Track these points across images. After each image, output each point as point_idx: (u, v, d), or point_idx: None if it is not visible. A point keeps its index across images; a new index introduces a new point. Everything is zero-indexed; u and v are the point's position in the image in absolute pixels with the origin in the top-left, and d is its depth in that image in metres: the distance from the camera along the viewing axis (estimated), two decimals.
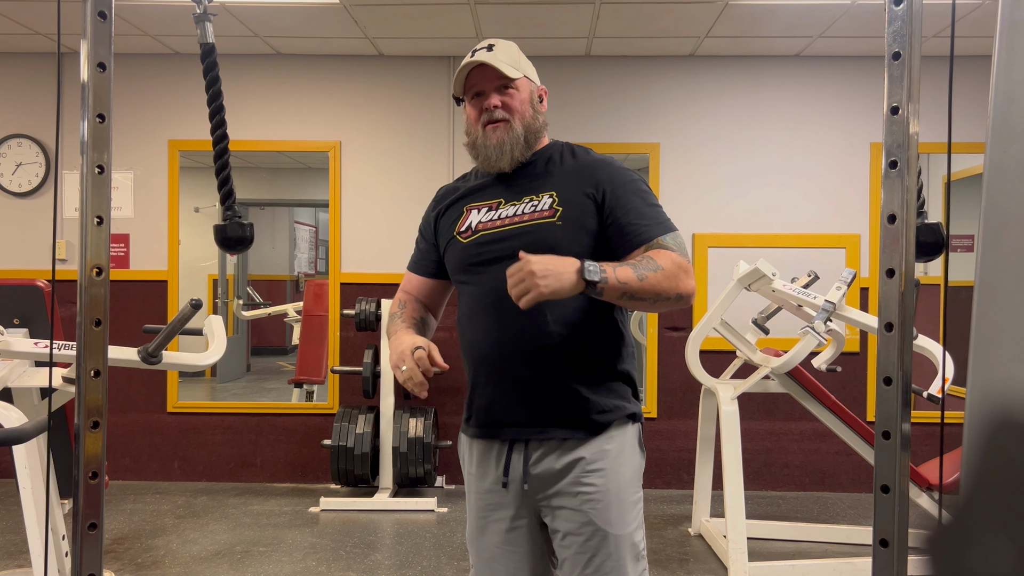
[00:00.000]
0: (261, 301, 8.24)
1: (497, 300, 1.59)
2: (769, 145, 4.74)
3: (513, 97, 1.67)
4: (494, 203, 1.68)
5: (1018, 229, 0.69)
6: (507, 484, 1.65)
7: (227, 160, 1.96)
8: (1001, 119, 0.72)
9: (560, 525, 1.62)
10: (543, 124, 1.72)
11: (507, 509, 1.67)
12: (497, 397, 1.66)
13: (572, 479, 1.61)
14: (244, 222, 1.95)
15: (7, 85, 4.84)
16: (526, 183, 1.68)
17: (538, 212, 1.63)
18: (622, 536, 1.60)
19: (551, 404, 1.62)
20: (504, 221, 1.65)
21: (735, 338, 3.68)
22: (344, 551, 3.66)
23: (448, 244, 1.73)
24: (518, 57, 1.70)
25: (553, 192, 1.64)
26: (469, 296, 1.69)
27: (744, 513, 3.33)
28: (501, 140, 1.66)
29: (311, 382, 5.62)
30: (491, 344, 1.64)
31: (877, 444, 1.38)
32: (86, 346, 1.34)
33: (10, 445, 2.36)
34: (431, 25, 4.25)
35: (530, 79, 1.72)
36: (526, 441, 1.64)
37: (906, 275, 1.36)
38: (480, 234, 1.67)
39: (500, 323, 1.62)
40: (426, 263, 1.81)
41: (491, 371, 1.66)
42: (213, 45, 1.89)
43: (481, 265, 1.65)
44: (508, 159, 1.66)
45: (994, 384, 0.69)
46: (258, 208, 8.95)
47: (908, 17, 1.34)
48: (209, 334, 2.83)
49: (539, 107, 1.72)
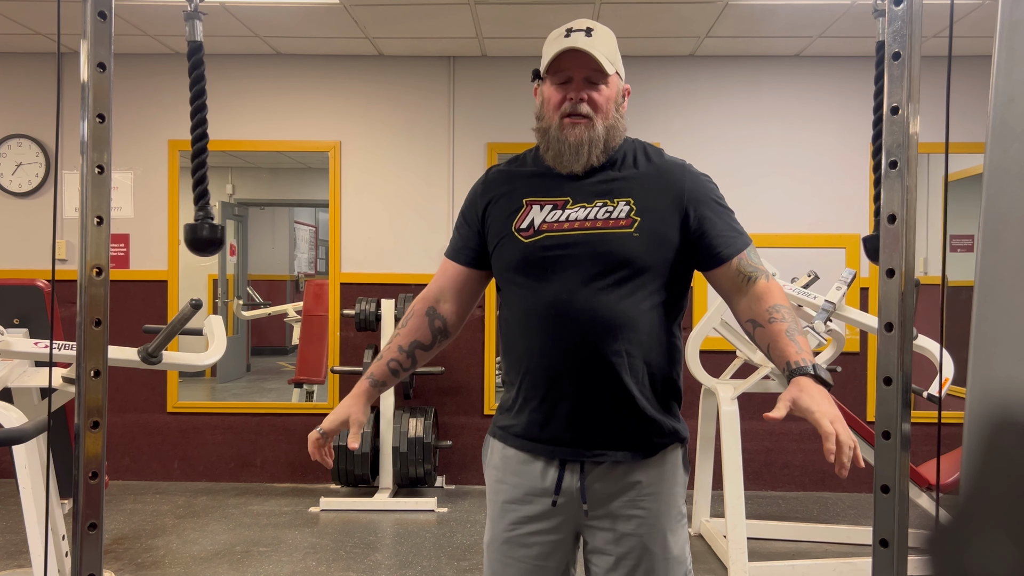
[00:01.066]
0: (261, 301, 8.24)
1: (562, 311, 1.50)
2: (769, 145, 4.74)
3: (602, 93, 1.53)
4: (560, 201, 1.54)
5: (1018, 229, 0.69)
6: (556, 503, 1.56)
7: (205, 160, 1.96)
8: (1001, 119, 0.72)
9: (609, 547, 1.55)
10: (624, 127, 1.59)
11: (546, 522, 1.58)
12: (554, 414, 1.53)
13: (627, 501, 1.55)
14: (216, 224, 1.93)
15: (7, 85, 4.84)
16: (598, 185, 1.54)
17: (613, 220, 1.51)
18: (672, 557, 1.56)
19: (614, 426, 1.53)
20: (573, 224, 1.51)
21: (735, 338, 3.68)
22: (344, 551, 3.66)
23: (503, 239, 1.57)
24: (615, 50, 1.57)
25: (630, 199, 1.52)
26: (523, 301, 1.55)
27: (744, 513, 3.32)
28: (580, 139, 1.52)
29: (311, 382, 5.63)
30: (552, 357, 1.52)
31: (877, 444, 1.38)
32: (86, 346, 1.34)
33: (10, 445, 2.36)
34: (431, 25, 4.25)
35: (620, 76, 1.59)
36: (582, 462, 1.55)
37: (906, 275, 1.36)
38: (544, 235, 1.52)
39: (563, 336, 1.51)
40: (466, 251, 1.64)
41: (549, 386, 1.53)
42: (201, 43, 1.89)
43: (543, 270, 1.52)
44: (584, 161, 1.53)
45: (994, 384, 0.69)
46: (258, 208, 8.95)
47: (908, 17, 1.34)
48: (209, 334, 2.83)
49: (622, 108, 1.59)
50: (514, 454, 1.60)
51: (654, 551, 1.53)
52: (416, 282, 4.74)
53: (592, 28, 1.56)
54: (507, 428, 1.61)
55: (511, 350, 1.59)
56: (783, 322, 1.47)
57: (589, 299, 1.49)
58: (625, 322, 1.49)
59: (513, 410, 1.59)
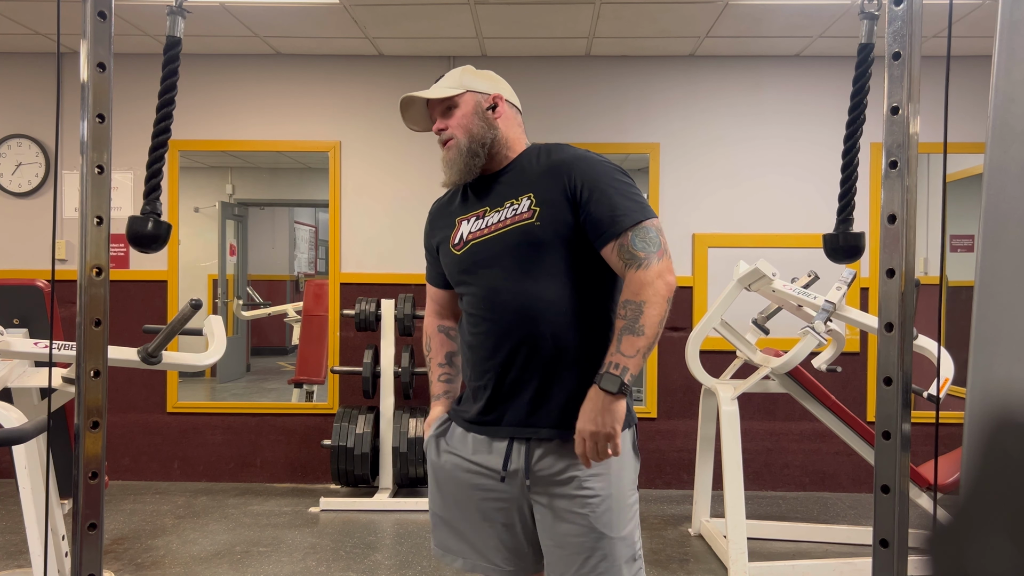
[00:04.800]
0: (261, 301, 8.24)
1: (492, 305, 1.68)
2: (769, 145, 4.74)
3: (454, 115, 1.74)
4: (480, 212, 1.74)
5: (1018, 229, 0.69)
6: (505, 478, 1.69)
7: (162, 154, 1.96)
8: (1001, 119, 0.72)
9: (557, 525, 1.66)
10: (495, 130, 1.75)
11: (498, 494, 1.73)
12: (498, 396, 1.70)
13: (574, 482, 1.65)
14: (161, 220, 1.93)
15: (7, 85, 4.84)
16: (506, 189, 1.73)
17: (518, 215, 1.68)
18: (618, 538, 1.65)
19: (551, 406, 1.66)
20: (490, 228, 1.70)
21: (735, 338, 3.68)
22: (344, 551, 3.66)
23: (444, 256, 1.80)
24: (460, 76, 1.77)
25: (531, 194, 1.68)
26: (467, 301, 1.75)
27: (744, 513, 3.32)
28: (449, 158, 1.75)
29: (311, 382, 5.62)
30: (491, 346, 1.69)
31: (877, 444, 1.38)
32: (86, 346, 1.34)
33: (10, 445, 2.36)
34: (431, 25, 4.25)
35: (476, 91, 1.76)
36: (527, 439, 1.68)
37: (906, 275, 1.36)
38: (471, 244, 1.73)
39: (498, 326, 1.68)
40: (435, 274, 1.89)
41: (491, 371, 1.70)
42: (179, 40, 1.90)
43: (474, 271, 1.72)
44: (457, 171, 1.74)
45: (994, 384, 0.69)
46: (258, 208, 8.95)
47: (908, 17, 1.34)
48: (209, 334, 2.83)
49: (489, 115, 1.75)
50: (471, 436, 1.75)
51: (600, 531, 1.64)
52: (416, 282, 4.74)
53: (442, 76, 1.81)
54: (461, 415, 1.79)
55: (464, 345, 1.79)
56: (623, 320, 1.59)
57: (511, 289, 1.66)
58: (547, 306, 1.64)
59: (467, 400, 1.78)
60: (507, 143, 1.76)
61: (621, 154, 4.99)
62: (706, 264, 4.70)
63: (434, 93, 1.75)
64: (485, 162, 1.74)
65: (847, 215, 1.93)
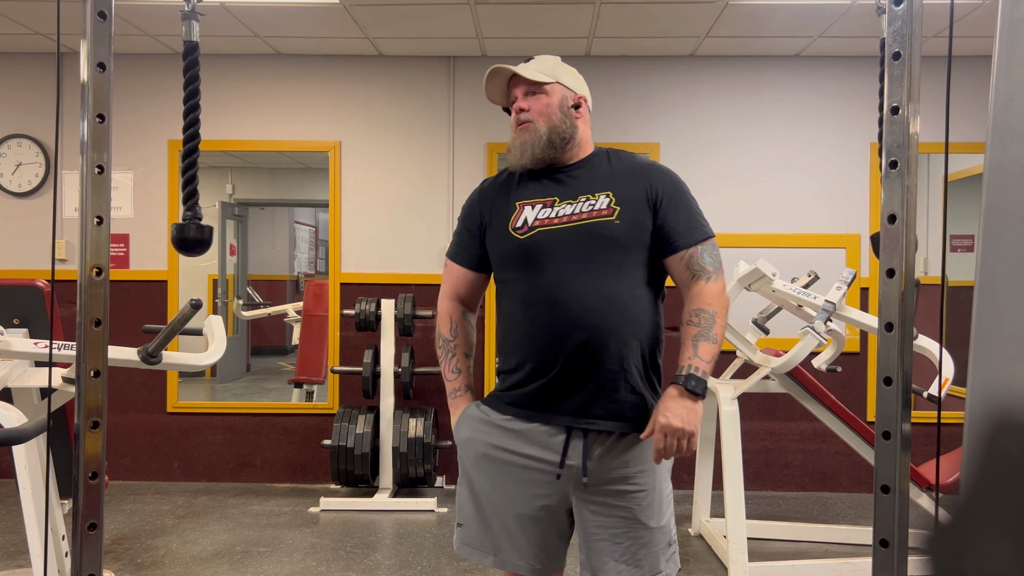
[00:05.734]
0: (261, 301, 8.23)
1: (559, 295, 1.69)
2: (769, 145, 4.74)
3: (540, 100, 1.77)
4: (549, 200, 1.75)
5: (1018, 229, 0.69)
6: (560, 475, 1.71)
7: (195, 160, 1.96)
8: (1001, 119, 0.72)
9: (600, 518, 1.71)
10: (575, 129, 1.78)
11: (547, 489, 1.73)
12: (557, 385, 1.70)
13: (621, 476, 1.71)
14: (204, 224, 1.94)
15: (7, 85, 4.84)
16: (579, 184, 1.76)
17: (596, 211, 1.71)
18: (658, 528, 1.73)
19: (612, 399, 1.70)
20: (562, 219, 1.72)
21: (735, 338, 3.68)
22: (344, 551, 3.66)
23: (499, 238, 1.78)
24: (553, 66, 1.80)
25: (609, 192, 1.73)
26: (523, 291, 1.74)
27: (744, 513, 3.32)
28: (524, 140, 1.76)
29: (311, 382, 5.62)
30: (553, 337, 1.69)
31: (877, 444, 1.38)
32: (86, 346, 1.34)
33: (10, 445, 2.36)
34: (431, 25, 4.25)
35: (565, 86, 1.80)
36: (584, 432, 1.70)
37: (906, 275, 1.36)
38: (537, 230, 1.72)
39: (562, 318, 1.68)
40: (470, 256, 1.86)
41: (554, 361, 1.69)
42: (197, 44, 1.89)
43: (538, 261, 1.71)
44: (529, 156, 1.75)
45: (994, 384, 0.69)
46: (258, 208, 8.95)
47: (908, 17, 1.34)
48: (209, 334, 2.83)
49: (571, 113, 1.78)
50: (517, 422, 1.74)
51: (641, 520, 1.71)
52: (416, 282, 4.74)
53: (532, 57, 1.83)
54: (500, 397, 1.78)
55: (511, 338, 1.77)
56: (696, 327, 1.69)
57: (585, 283, 1.68)
58: (618, 301, 1.69)
59: (512, 386, 1.75)
60: (581, 142, 1.81)
61: None
62: None
63: (526, 72, 1.77)
64: (558, 154, 1.77)
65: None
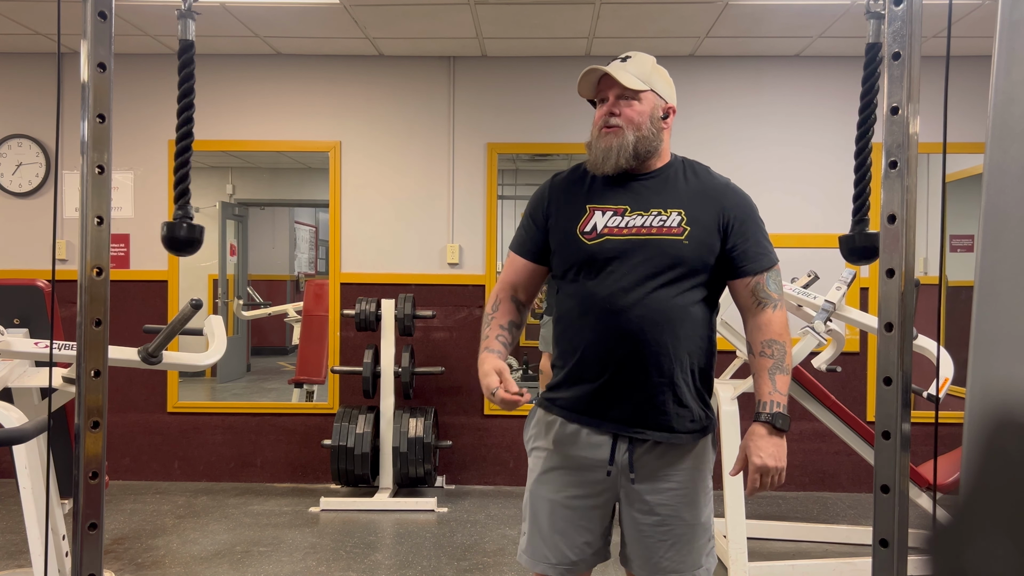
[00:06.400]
0: (261, 301, 8.24)
1: (619, 305, 1.71)
2: (769, 145, 4.74)
3: (632, 107, 1.75)
4: (620, 209, 1.75)
5: (1018, 229, 0.69)
6: (610, 472, 1.76)
7: (188, 159, 1.96)
8: (1001, 119, 0.72)
9: (645, 515, 1.77)
10: (660, 140, 1.78)
11: (595, 487, 1.78)
12: (606, 392, 1.73)
13: (666, 476, 1.76)
14: (195, 224, 1.94)
15: (7, 85, 4.84)
16: (653, 196, 1.75)
17: (667, 228, 1.72)
18: (699, 524, 1.78)
19: (659, 412, 1.73)
20: (632, 230, 1.72)
21: (735, 338, 3.68)
22: (344, 551, 3.66)
23: (566, 238, 1.78)
24: (651, 72, 1.79)
25: (681, 210, 1.73)
26: (583, 295, 1.75)
27: (744, 513, 3.32)
28: (609, 145, 1.74)
29: (311, 382, 5.62)
30: (607, 346, 1.72)
31: (877, 444, 1.38)
32: (86, 346, 1.34)
33: (10, 445, 2.36)
34: (431, 25, 4.25)
35: (658, 94, 1.79)
36: (630, 438, 1.75)
37: (906, 275, 1.36)
38: (606, 238, 1.73)
39: (621, 328, 1.70)
40: (533, 247, 1.86)
41: (603, 369, 1.73)
42: (192, 43, 1.89)
43: (603, 269, 1.72)
44: (612, 164, 1.74)
45: (994, 384, 0.69)
46: (258, 208, 8.95)
47: (908, 17, 1.34)
48: (209, 334, 2.83)
49: (660, 123, 1.78)
50: (559, 423, 1.79)
51: (684, 517, 1.76)
52: (416, 282, 4.74)
53: (629, 56, 1.80)
54: (554, 400, 1.81)
55: (566, 338, 1.79)
56: (770, 359, 1.73)
57: (642, 296, 1.70)
58: (673, 318, 1.71)
59: (564, 387, 1.79)
60: (660, 152, 1.80)
61: None
62: None
63: (622, 78, 1.74)
64: (639, 164, 1.77)
65: (863, 215, 1.93)
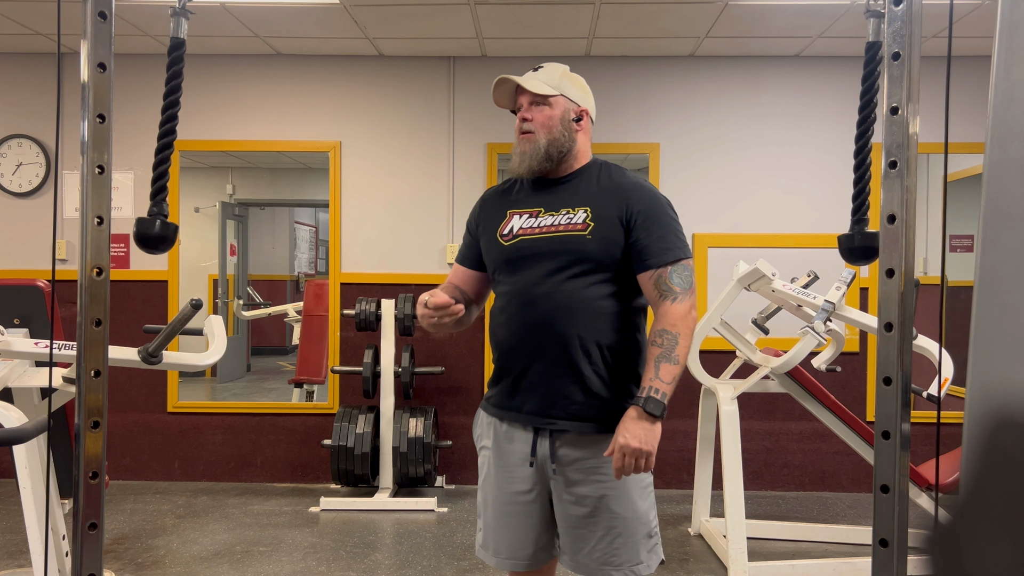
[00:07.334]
0: (261, 301, 8.24)
1: (530, 299, 1.80)
2: (769, 145, 4.74)
3: (543, 112, 1.85)
4: (535, 211, 1.85)
5: (1018, 229, 0.69)
6: (533, 463, 1.83)
7: (168, 156, 1.98)
8: (1001, 119, 0.72)
9: (576, 508, 1.81)
10: (573, 142, 1.86)
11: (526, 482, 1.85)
12: (522, 384, 1.82)
13: (592, 468, 1.80)
14: (169, 222, 1.94)
15: (7, 85, 4.84)
16: (565, 196, 1.85)
17: (572, 225, 1.80)
18: (634, 518, 1.81)
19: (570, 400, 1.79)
20: (542, 229, 1.82)
21: (735, 338, 3.68)
22: (344, 551, 3.66)
23: (488, 243, 1.90)
24: (560, 78, 1.87)
25: (588, 208, 1.81)
26: (504, 292, 1.87)
27: (744, 513, 3.32)
28: (524, 150, 1.85)
29: (311, 382, 5.62)
30: (520, 339, 1.81)
31: (877, 444, 1.38)
32: (86, 346, 1.34)
33: (10, 445, 2.36)
34: (431, 25, 4.25)
35: (569, 99, 1.87)
36: (548, 430, 1.81)
37: (906, 275, 1.36)
38: (520, 239, 1.84)
39: (531, 321, 1.80)
40: (471, 256, 1.99)
41: (517, 362, 1.82)
42: (183, 41, 1.90)
43: (518, 266, 1.83)
44: (527, 166, 1.84)
45: (994, 384, 0.69)
46: (258, 208, 8.95)
47: (908, 17, 1.34)
48: (209, 334, 2.83)
49: (572, 125, 1.86)
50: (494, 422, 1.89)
51: (613, 509, 1.80)
52: (416, 282, 4.74)
53: (541, 66, 1.91)
54: (489, 399, 1.92)
55: (494, 337, 1.90)
56: (659, 348, 1.75)
57: (550, 289, 1.79)
58: (579, 310, 1.77)
59: (492, 385, 1.91)
60: (577, 154, 1.88)
61: (621, 154, 4.99)
62: (706, 264, 4.70)
63: (531, 85, 1.85)
64: (554, 166, 1.85)
65: (862, 215, 1.93)
